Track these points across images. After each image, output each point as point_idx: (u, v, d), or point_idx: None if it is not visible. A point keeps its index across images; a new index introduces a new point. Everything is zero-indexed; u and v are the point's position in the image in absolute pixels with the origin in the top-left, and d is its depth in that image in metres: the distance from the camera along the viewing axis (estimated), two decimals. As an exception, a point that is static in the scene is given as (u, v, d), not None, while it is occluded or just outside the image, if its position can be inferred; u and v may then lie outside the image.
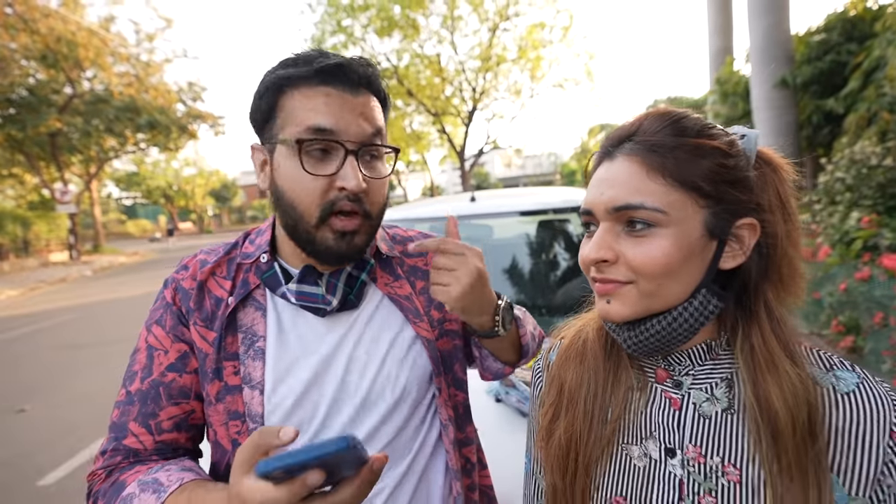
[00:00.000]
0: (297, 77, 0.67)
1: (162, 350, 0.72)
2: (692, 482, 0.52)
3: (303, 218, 0.69)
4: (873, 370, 3.02)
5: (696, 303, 0.52)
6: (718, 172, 0.50)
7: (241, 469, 0.49)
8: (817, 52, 6.60)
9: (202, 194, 45.69)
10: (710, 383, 0.54)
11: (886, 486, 0.47)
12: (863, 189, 4.30)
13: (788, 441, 0.47)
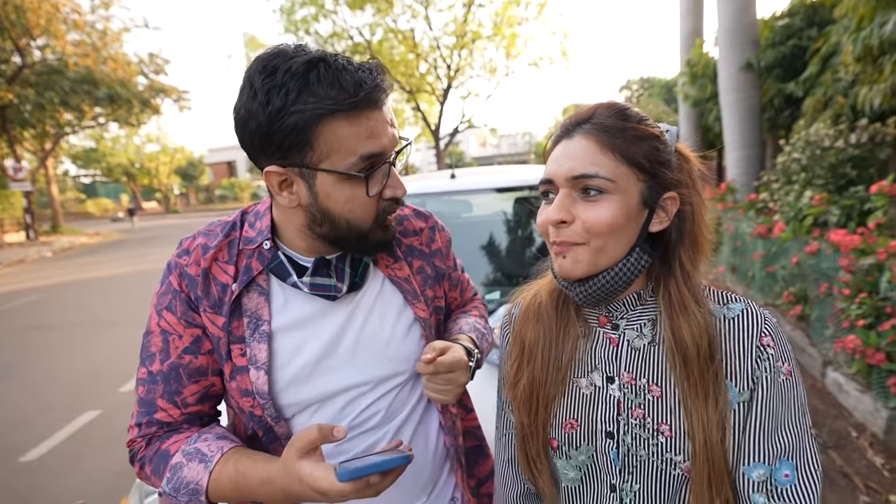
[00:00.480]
0: (338, 110, 0.64)
1: (176, 335, 0.76)
2: (627, 400, 0.66)
3: (357, 228, 0.72)
4: (819, 335, 3.29)
5: (633, 259, 0.64)
6: (653, 153, 0.63)
7: (298, 453, 0.63)
8: (781, 36, 6.83)
9: (167, 172, 43.86)
10: (640, 323, 0.68)
11: (756, 376, 0.62)
12: (816, 169, 4.58)
13: (694, 365, 0.61)
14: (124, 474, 2.76)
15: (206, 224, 0.83)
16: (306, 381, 0.77)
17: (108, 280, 9.77)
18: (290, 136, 0.65)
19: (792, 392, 0.62)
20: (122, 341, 5.40)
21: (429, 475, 0.87)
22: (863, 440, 2.56)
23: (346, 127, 0.65)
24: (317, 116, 0.64)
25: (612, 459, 0.66)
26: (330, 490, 0.59)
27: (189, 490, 0.69)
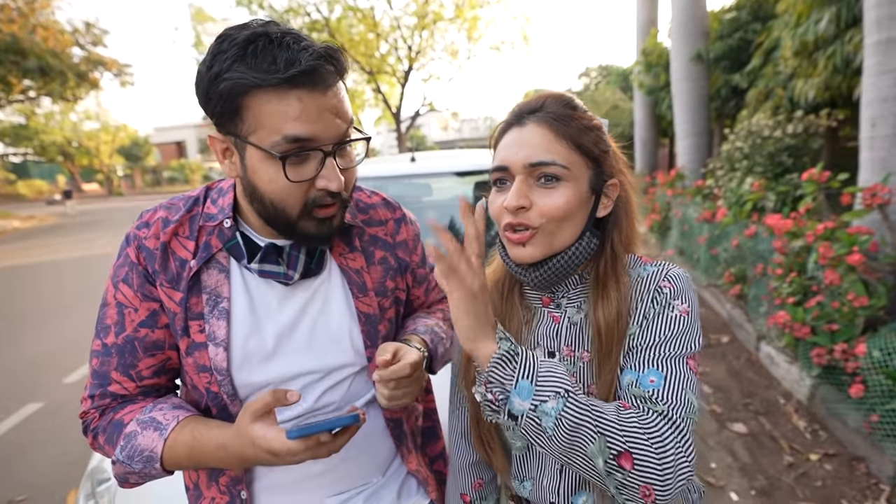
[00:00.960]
0: (266, 84, 0.63)
1: (132, 308, 0.75)
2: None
3: (284, 212, 0.70)
4: (755, 312, 3.55)
5: (584, 243, 0.68)
6: (598, 142, 0.68)
7: (251, 417, 0.64)
8: (728, 29, 7.13)
9: (109, 152, 41.04)
10: (580, 301, 0.72)
11: (646, 313, 0.67)
12: (756, 157, 4.86)
13: (605, 338, 0.67)
14: (72, 466, 2.66)
15: (168, 199, 0.81)
16: (262, 362, 0.77)
17: (48, 267, 9.17)
18: (221, 103, 0.65)
19: (681, 325, 0.64)
20: (65, 331, 5.12)
21: (385, 455, 0.89)
22: (789, 406, 2.81)
23: (274, 104, 0.63)
24: (243, 87, 0.63)
25: None
26: (281, 450, 0.61)
27: (143, 458, 0.70)
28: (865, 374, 2.23)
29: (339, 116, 0.68)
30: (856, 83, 4.03)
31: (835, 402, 2.51)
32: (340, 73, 0.69)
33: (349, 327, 0.82)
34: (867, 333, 2.38)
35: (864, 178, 2.92)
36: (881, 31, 2.72)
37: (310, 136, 0.65)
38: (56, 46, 18.40)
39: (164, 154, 48.76)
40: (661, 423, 0.58)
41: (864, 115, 2.92)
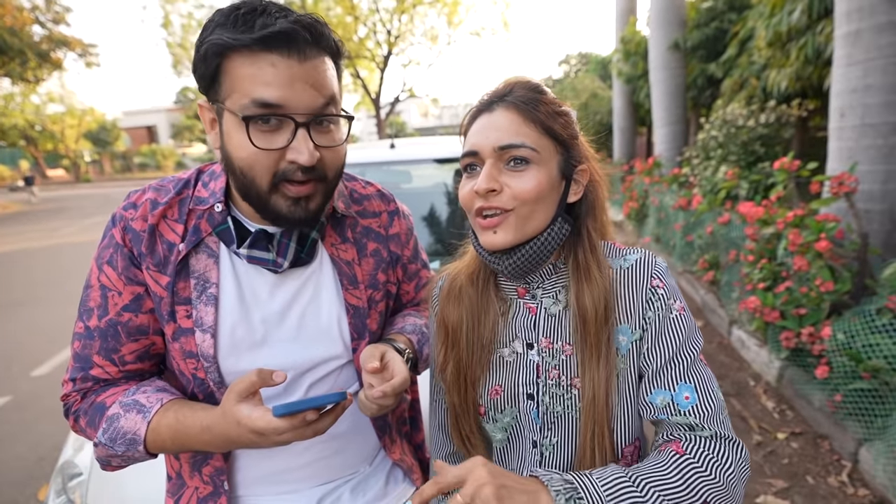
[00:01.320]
0: (239, 44, 0.62)
1: (115, 291, 0.73)
2: (545, 363, 0.70)
3: (254, 183, 0.68)
4: (727, 298, 3.65)
5: (556, 228, 0.68)
6: (567, 128, 0.68)
7: (236, 398, 0.63)
8: (705, 18, 7.22)
9: (75, 137, 39.38)
10: (555, 291, 0.72)
11: (647, 318, 0.68)
12: (731, 146, 4.96)
13: (591, 327, 0.67)
14: (42, 461, 2.59)
15: (157, 180, 0.79)
16: (250, 350, 0.76)
17: (13, 256, 8.81)
18: (202, 65, 0.65)
19: (683, 325, 0.67)
20: (32, 323, 4.95)
21: (372, 445, 0.90)
22: (759, 388, 2.92)
23: (247, 66, 0.63)
24: (220, 48, 0.63)
25: (533, 419, 0.71)
26: (266, 428, 0.60)
27: (126, 440, 0.69)
28: (830, 356, 2.32)
29: (315, 88, 0.65)
30: (826, 74, 4.14)
31: (801, 383, 2.61)
32: (321, 45, 0.67)
33: (338, 319, 0.80)
34: (832, 317, 2.48)
35: (832, 167, 3.01)
36: (850, 23, 2.78)
37: (278, 101, 0.63)
38: (14, 24, 17.49)
39: (133, 139, 47.09)
40: (717, 448, 0.61)
41: (833, 106, 3.00)
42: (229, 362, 0.75)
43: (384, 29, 18.82)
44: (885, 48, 2.65)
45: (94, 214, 14.99)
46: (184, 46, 20.28)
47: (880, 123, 2.73)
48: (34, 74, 19.84)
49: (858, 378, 2.17)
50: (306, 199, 0.70)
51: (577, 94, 14.09)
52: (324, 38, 0.67)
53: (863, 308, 2.27)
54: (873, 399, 2.11)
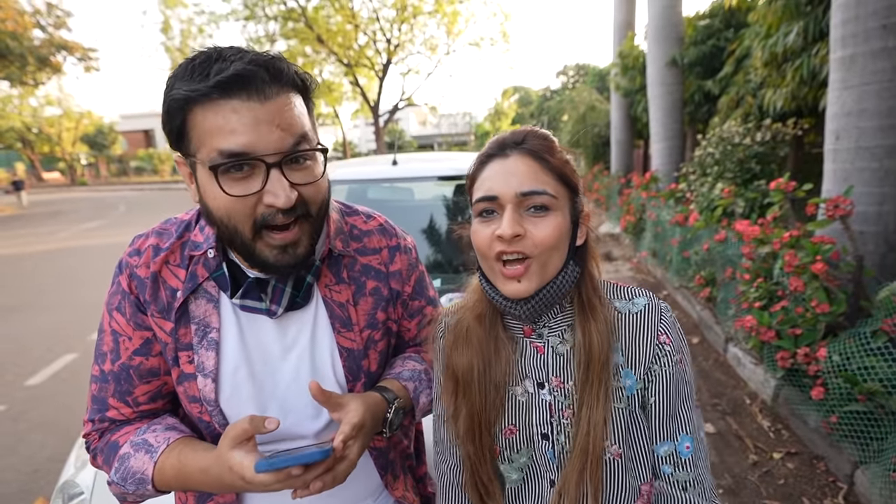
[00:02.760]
0: (198, 95, 0.61)
1: (126, 336, 0.75)
2: (557, 402, 0.71)
3: (237, 232, 0.66)
4: (723, 315, 3.68)
5: (569, 271, 0.70)
6: (574, 175, 0.71)
7: (230, 444, 0.63)
8: (702, 35, 7.32)
9: (71, 139, 39.24)
10: (561, 330, 0.73)
11: (652, 371, 0.71)
12: (727, 164, 5.02)
13: (595, 365, 0.68)
14: (36, 474, 2.57)
15: (161, 222, 0.80)
16: (252, 393, 0.76)
17: (7, 260, 8.75)
18: (169, 122, 0.64)
19: (683, 377, 0.72)
20: (27, 329, 4.91)
21: (376, 482, 0.89)
22: (754, 406, 2.94)
23: (209, 117, 0.61)
24: (180, 103, 0.62)
25: (549, 458, 0.72)
26: (253, 480, 0.61)
27: (136, 480, 0.71)
28: (826, 377, 2.34)
29: (282, 128, 0.63)
30: (822, 94, 4.20)
31: (797, 403, 2.64)
32: (282, 81, 0.64)
33: (332, 362, 0.80)
34: (828, 338, 2.50)
35: (828, 189, 3.06)
36: (846, 48, 2.84)
37: (244, 149, 0.61)
38: (15, 28, 17.51)
39: (130, 143, 46.97)
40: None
41: (828, 128, 3.05)
42: (232, 405, 0.76)
43: (384, 38, 18.96)
44: (879, 73, 2.71)
45: (90, 219, 14.92)
46: (183, 51, 20.32)
47: (875, 147, 2.78)
48: (33, 78, 19.85)
49: (854, 400, 2.19)
50: (293, 244, 0.68)
51: (575, 106, 14.21)
52: (283, 75, 0.64)
53: (858, 330, 2.29)
54: (869, 422, 2.13)
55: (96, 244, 10.03)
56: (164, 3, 19.40)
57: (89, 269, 7.47)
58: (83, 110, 39.42)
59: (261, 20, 18.33)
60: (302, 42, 18.79)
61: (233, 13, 18.26)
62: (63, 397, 3.43)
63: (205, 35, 19.54)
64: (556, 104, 21.06)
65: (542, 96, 35.21)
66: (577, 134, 13.85)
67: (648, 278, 5.88)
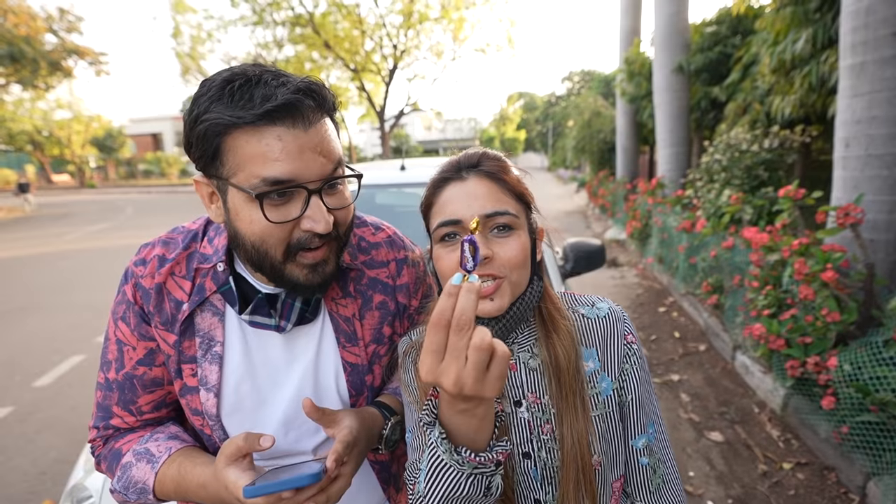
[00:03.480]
0: (242, 122, 0.60)
1: (130, 346, 0.75)
2: (535, 419, 0.70)
3: (267, 255, 0.66)
4: (731, 322, 3.65)
5: (535, 286, 0.71)
6: (528, 193, 0.72)
7: (226, 461, 0.64)
8: (709, 42, 7.31)
9: (81, 142, 39.65)
10: (529, 344, 0.73)
11: (624, 370, 0.73)
12: (734, 170, 5.00)
13: (566, 377, 0.69)
14: (42, 476, 2.58)
15: (168, 230, 0.79)
16: (254, 408, 0.76)
17: (14, 262, 8.83)
18: (201, 145, 0.63)
19: (646, 370, 0.75)
20: (36, 331, 4.94)
21: (379, 497, 0.89)
22: (763, 416, 2.91)
23: (253, 144, 0.61)
24: (220, 127, 0.61)
25: (533, 476, 0.70)
26: (246, 502, 0.61)
27: (137, 489, 0.72)
28: (837, 386, 2.32)
29: (323, 155, 0.64)
30: (830, 101, 4.18)
31: (807, 413, 2.61)
32: (324, 108, 0.66)
33: (336, 377, 0.80)
34: (838, 347, 2.48)
35: (837, 197, 3.03)
36: (855, 55, 2.83)
37: (290, 176, 0.62)
38: (28, 33, 17.76)
39: (139, 146, 47.45)
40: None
41: (837, 135, 3.03)
42: (233, 421, 0.76)
43: (390, 43, 19.09)
44: (889, 81, 2.69)
45: (98, 221, 15.04)
46: (192, 56, 20.52)
47: (885, 154, 2.76)
48: (45, 81, 20.11)
49: (866, 410, 2.17)
50: (322, 263, 0.69)
51: (581, 112, 14.22)
52: (325, 102, 0.66)
53: (869, 339, 2.27)
54: (881, 432, 2.10)
55: (104, 246, 10.11)
56: (175, 9, 19.65)
57: (97, 271, 7.53)
58: (93, 114, 39.89)
59: (269, 25, 18.52)
60: (309, 47, 18.95)
61: (241, 19, 18.46)
62: (70, 399, 3.44)
63: (213, 40, 19.74)
64: (561, 110, 21.07)
65: (548, 102, 35.22)
66: (582, 140, 13.85)
67: (654, 284, 5.86)
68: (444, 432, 0.56)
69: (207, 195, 0.69)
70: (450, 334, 0.49)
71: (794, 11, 4.33)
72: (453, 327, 0.48)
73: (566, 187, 23.40)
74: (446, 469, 0.56)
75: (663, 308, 5.00)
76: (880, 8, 2.68)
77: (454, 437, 0.57)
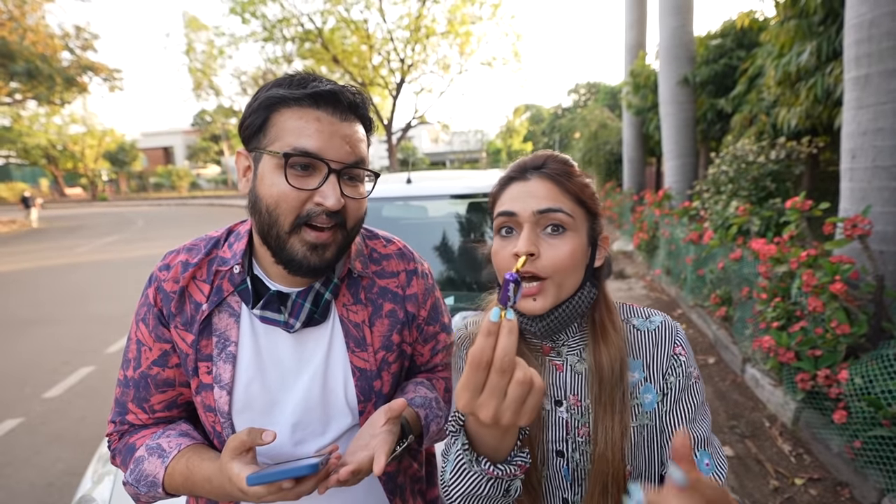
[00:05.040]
0: (291, 98, 0.70)
1: (147, 347, 0.80)
2: (574, 420, 0.72)
3: (276, 223, 0.71)
4: (740, 335, 3.62)
5: (585, 292, 0.72)
6: (593, 199, 0.74)
7: (230, 454, 0.67)
8: (714, 54, 7.35)
9: (94, 156, 40.47)
10: (579, 349, 0.74)
11: (669, 382, 0.72)
12: (741, 181, 4.98)
13: (608, 384, 0.70)
14: (51, 487, 2.59)
15: (192, 238, 0.84)
16: (263, 408, 0.79)
17: (27, 274, 8.96)
18: (251, 118, 0.73)
19: (700, 393, 0.73)
20: (47, 342, 5.00)
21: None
22: (774, 429, 2.86)
23: (294, 119, 0.70)
24: (272, 101, 0.71)
25: (563, 475, 0.72)
26: (248, 491, 0.64)
27: (148, 482, 0.75)
28: (848, 400, 2.28)
29: (350, 145, 0.73)
30: (836, 113, 4.18)
31: (819, 427, 2.56)
32: (360, 115, 0.75)
33: (344, 381, 0.82)
34: (849, 360, 2.44)
35: (845, 208, 3.02)
36: (860, 67, 2.83)
37: (317, 151, 0.70)
38: (45, 50, 18.24)
39: (150, 159, 48.22)
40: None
41: (844, 147, 3.03)
42: (243, 419, 0.78)
43: (397, 57, 19.35)
44: (894, 93, 2.69)
45: (110, 233, 15.25)
46: (205, 72, 20.92)
47: (892, 166, 2.75)
48: (60, 97, 20.56)
49: (879, 425, 2.13)
50: (323, 246, 0.73)
51: (587, 124, 14.28)
52: (362, 108, 0.75)
53: (881, 352, 2.24)
54: (895, 447, 2.06)
55: (114, 258, 10.24)
56: (189, 26, 20.11)
57: (107, 283, 7.62)
58: (106, 128, 40.68)
59: (279, 41, 18.87)
60: (318, 62, 19.26)
61: (252, 35, 18.84)
62: (79, 410, 3.47)
63: (225, 56, 20.12)
64: (567, 122, 21.16)
65: (554, 114, 35.41)
66: (588, 151, 13.89)
67: (662, 296, 5.81)
68: (468, 443, 0.60)
69: (243, 168, 0.76)
70: (490, 374, 0.49)
71: (798, 24, 4.35)
72: (496, 368, 0.49)
73: (573, 199, 23.31)
74: (467, 472, 0.60)
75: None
76: (884, 21, 2.69)
77: (477, 447, 0.60)
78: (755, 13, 6.64)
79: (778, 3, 4.66)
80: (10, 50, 17.11)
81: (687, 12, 7.00)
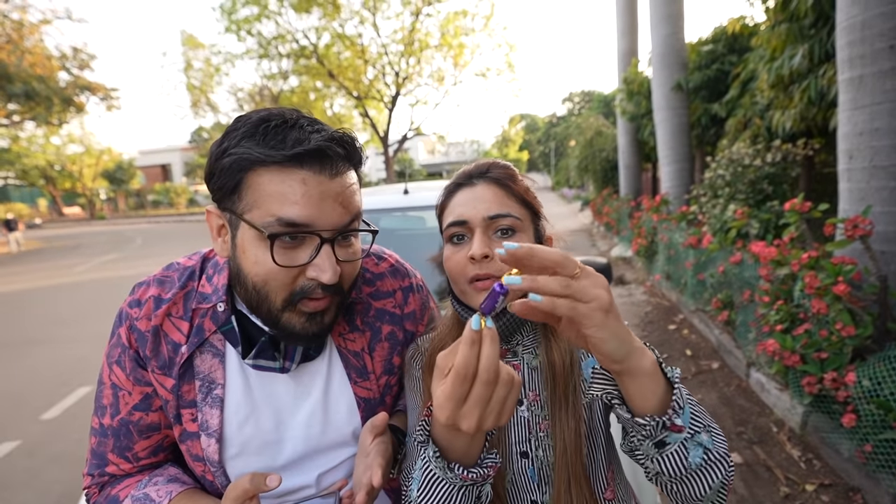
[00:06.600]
0: (271, 161, 0.60)
1: (126, 391, 0.72)
2: (534, 416, 0.72)
3: (267, 299, 0.65)
4: (743, 339, 3.59)
5: None
6: (536, 199, 0.77)
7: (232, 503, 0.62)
8: (706, 60, 7.42)
9: (92, 175, 40.59)
10: (533, 347, 0.75)
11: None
12: (738, 185, 4.99)
13: (560, 379, 0.71)
14: (49, 512, 2.54)
15: (162, 267, 0.77)
16: (260, 449, 0.74)
17: (27, 293, 8.91)
18: (222, 177, 0.62)
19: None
20: (45, 363, 4.95)
21: None
22: (782, 435, 2.82)
23: (275, 183, 0.60)
24: (245, 162, 0.60)
25: (530, 477, 0.72)
26: None
27: None
28: (857, 403, 2.25)
29: (343, 205, 0.64)
30: (831, 114, 4.20)
31: (828, 431, 2.53)
32: (352, 161, 0.67)
33: (348, 413, 0.78)
34: (856, 362, 2.42)
35: (844, 209, 3.01)
36: (853, 69, 2.85)
37: (306, 221, 0.61)
38: (43, 72, 18.38)
39: (148, 177, 48.37)
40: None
41: (841, 148, 3.03)
42: (237, 464, 0.73)
43: (392, 71, 19.52)
44: (890, 93, 2.70)
45: (108, 252, 15.21)
46: (202, 89, 21.07)
47: (890, 165, 2.75)
48: (58, 118, 20.67)
49: (889, 428, 2.10)
50: (322, 313, 0.67)
51: (582, 131, 14.36)
52: (355, 155, 0.67)
53: (888, 353, 2.22)
54: (906, 450, 2.03)
55: (113, 277, 10.20)
56: (186, 44, 20.31)
57: (106, 302, 7.57)
58: (103, 147, 40.83)
59: (274, 58, 19.05)
60: (313, 77, 19.43)
61: (248, 52, 19.01)
62: (76, 431, 3.42)
63: (221, 74, 20.29)
64: (562, 130, 21.31)
65: (549, 123, 35.64)
66: (585, 159, 13.95)
67: (663, 302, 5.79)
68: (438, 450, 0.58)
69: (217, 227, 0.68)
70: (475, 385, 0.48)
71: (790, 28, 4.39)
72: (482, 380, 0.48)
73: (570, 206, 23.45)
74: (439, 483, 0.58)
75: (673, 326, 4.93)
76: (876, 22, 2.70)
77: (447, 454, 0.58)
78: (745, 19, 6.71)
79: (768, 7, 4.71)
80: (9, 72, 17.22)
81: (678, 19, 7.08)
